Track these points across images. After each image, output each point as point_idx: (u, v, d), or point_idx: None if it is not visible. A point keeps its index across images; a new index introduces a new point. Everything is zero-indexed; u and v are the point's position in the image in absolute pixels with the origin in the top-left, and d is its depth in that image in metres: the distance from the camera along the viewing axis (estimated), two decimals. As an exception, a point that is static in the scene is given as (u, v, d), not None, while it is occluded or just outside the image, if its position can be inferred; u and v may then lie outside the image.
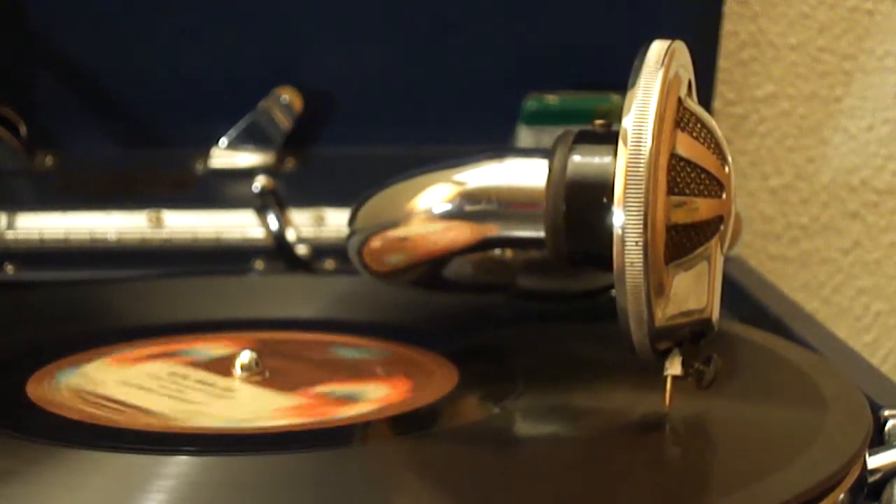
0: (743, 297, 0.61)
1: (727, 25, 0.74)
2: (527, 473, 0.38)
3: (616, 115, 0.40)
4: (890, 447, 0.41)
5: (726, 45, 0.75)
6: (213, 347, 0.50)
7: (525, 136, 0.67)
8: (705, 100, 0.67)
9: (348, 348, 0.51)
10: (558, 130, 0.44)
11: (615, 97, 0.66)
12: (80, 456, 0.38)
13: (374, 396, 0.44)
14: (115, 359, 0.49)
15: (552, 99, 0.67)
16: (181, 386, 0.45)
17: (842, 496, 0.38)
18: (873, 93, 0.77)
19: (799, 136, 0.77)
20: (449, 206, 0.46)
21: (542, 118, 0.66)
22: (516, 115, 0.67)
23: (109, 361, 0.48)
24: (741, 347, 0.50)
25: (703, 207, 0.40)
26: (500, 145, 0.63)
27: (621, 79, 0.41)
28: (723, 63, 0.75)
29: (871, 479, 0.40)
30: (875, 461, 0.40)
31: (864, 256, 0.79)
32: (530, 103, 0.67)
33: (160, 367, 0.47)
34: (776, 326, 0.55)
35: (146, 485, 0.36)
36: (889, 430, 0.43)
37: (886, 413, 0.43)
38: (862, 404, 0.42)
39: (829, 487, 0.37)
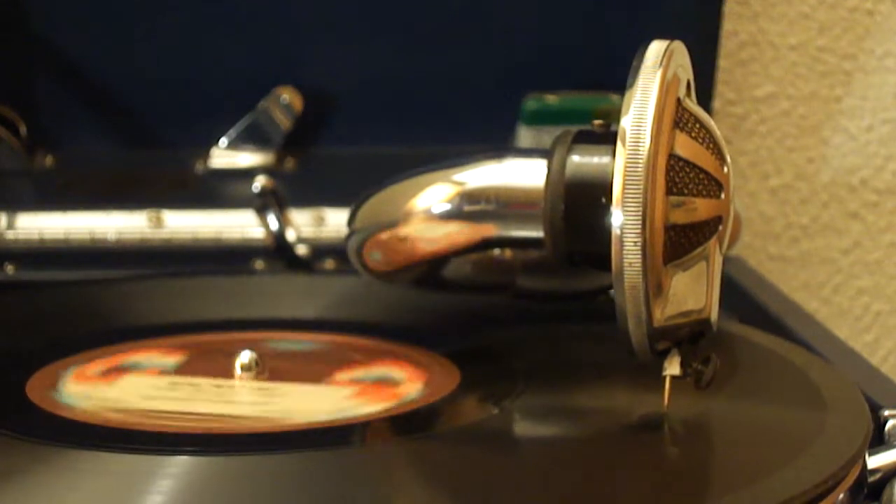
0: (743, 297, 0.61)
1: (727, 25, 0.74)
2: (527, 473, 0.38)
3: (616, 115, 0.40)
4: (890, 447, 0.41)
5: (726, 45, 0.75)
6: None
7: (525, 136, 0.67)
8: (705, 100, 0.67)
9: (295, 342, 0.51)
10: (558, 130, 0.44)
11: (615, 97, 0.66)
12: (81, 456, 0.38)
13: (403, 377, 0.45)
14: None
15: (552, 99, 0.67)
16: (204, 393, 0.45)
17: (842, 496, 0.38)
18: (873, 93, 0.77)
19: (799, 136, 0.77)
20: (448, 206, 0.46)
21: (542, 118, 0.66)
22: (516, 115, 0.67)
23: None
24: (741, 347, 0.50)
25: (701, 207, 0.40)
26: (499, 145, 0.63)
27: (621, 79, 0.41)
28: (723, 63, 0.75)
29: (871, 479, 0.40)
30: (875, 461, 0.40)
31: (864, 256, 0.79)
32: (530, 103, 0.67)
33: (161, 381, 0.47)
34: (776, 326, 0.55)
35: (146, 485, 0.36)
36: (889, 430, 0.43)
37: (886, 413, 0.43)
38: (862, 404, 0.42)
39: (829, 487, 0.37)
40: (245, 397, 0.45)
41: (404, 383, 0.46)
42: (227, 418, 0.42)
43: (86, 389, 0.45)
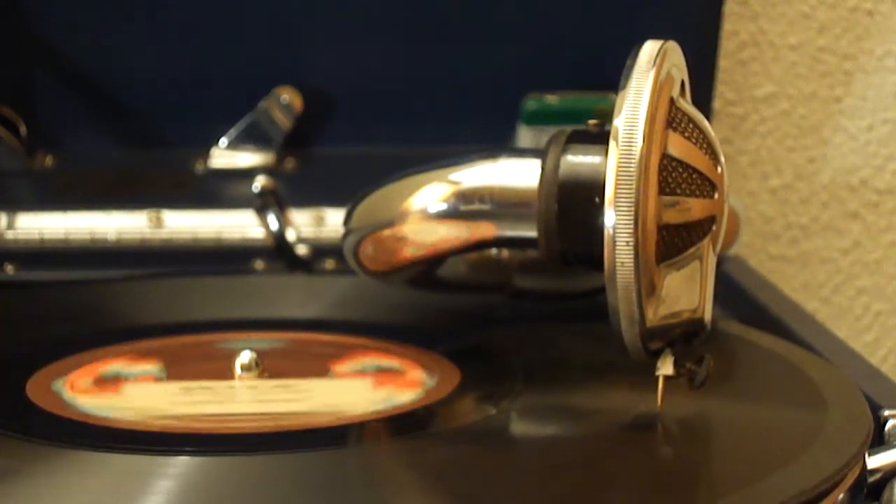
0: (743, 297, 0.61)
1: (727, 25, 0.74)
2: (526, 473, 0.38)
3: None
4: (890, 447, 0.41)
5: (726, 45, 0.75)
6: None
7: (525, 136, 0.67)
8: (705, 100, 0.67)
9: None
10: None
11: (615, 97, 0.66)
12: (80, 456, 0.38)
13: (399, 366, 0.45)
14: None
15: (552, 99, 0.67)
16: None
17: (842, 496, 0.38)
18: (873, 93, 0.77)
19: (799, 136, 0.77)
20: (443, 206, 0.46)
21: (542, 118, 0.66)
22: (516, 115, 0.67)
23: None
24: (741, 347, 0.50)
25: (695, 207, 0.40)
26: (499, 145, 0.63)
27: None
28: (723, 63, 0.75)
29: (871, 479, 0.40)
30: (875, 461, 0.40)
31: (864, 256, 0.79)
32: (530, 103, 0.67)
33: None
34: (776, 326, 0.55)
35: (146, 485, 0.36)
36: (889, 430, 0.43)
37: (886, 413, 0.43)
38: (862, 404, 0.42)
39: (829, 487, 0.37)
40: (272, 395, 0.45)
41: (407, 372, 0.46)
42: (267, 416, 0.42)
43: (96, 401, 0.45)
